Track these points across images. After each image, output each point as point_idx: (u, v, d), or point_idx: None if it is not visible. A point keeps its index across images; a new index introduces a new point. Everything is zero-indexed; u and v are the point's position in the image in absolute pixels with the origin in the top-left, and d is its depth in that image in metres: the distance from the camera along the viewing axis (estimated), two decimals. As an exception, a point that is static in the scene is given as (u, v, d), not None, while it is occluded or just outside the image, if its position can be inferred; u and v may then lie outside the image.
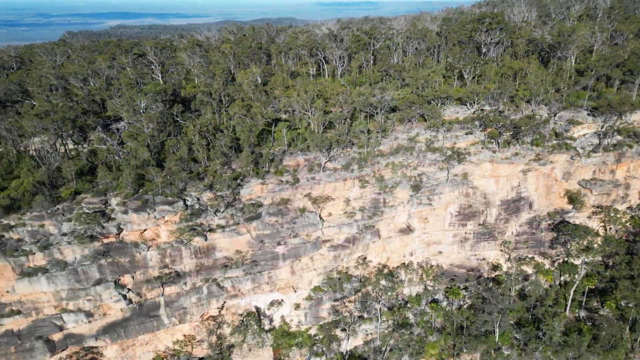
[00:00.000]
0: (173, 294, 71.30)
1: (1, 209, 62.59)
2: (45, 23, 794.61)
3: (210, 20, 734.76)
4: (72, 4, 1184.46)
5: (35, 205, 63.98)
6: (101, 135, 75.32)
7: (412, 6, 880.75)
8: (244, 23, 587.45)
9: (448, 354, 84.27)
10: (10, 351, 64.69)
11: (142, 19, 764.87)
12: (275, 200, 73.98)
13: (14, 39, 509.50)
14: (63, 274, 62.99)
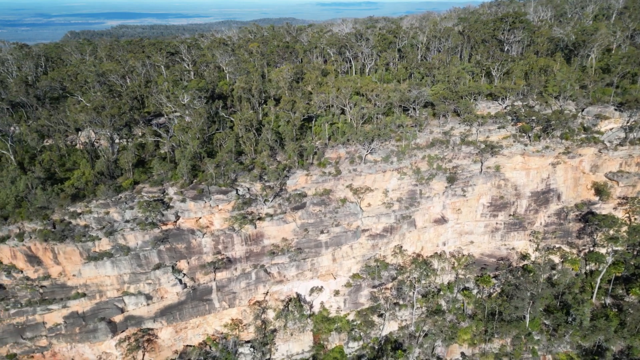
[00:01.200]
0: (224, 279, 75.18)
1: (68, 198, 66.49)
2: (45, 23, 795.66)
3: (210, 20, 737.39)
4: (72, 4, 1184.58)
5: (100, 194, 67.93)
6: (154, 129, 79.34)
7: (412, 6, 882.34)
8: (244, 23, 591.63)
9: (480, 339, 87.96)
10: (75, 332, 68.75)
11: (142, 19, 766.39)
12: (319, 190, 77.70)
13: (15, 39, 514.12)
14: (126, 258, 66.92)
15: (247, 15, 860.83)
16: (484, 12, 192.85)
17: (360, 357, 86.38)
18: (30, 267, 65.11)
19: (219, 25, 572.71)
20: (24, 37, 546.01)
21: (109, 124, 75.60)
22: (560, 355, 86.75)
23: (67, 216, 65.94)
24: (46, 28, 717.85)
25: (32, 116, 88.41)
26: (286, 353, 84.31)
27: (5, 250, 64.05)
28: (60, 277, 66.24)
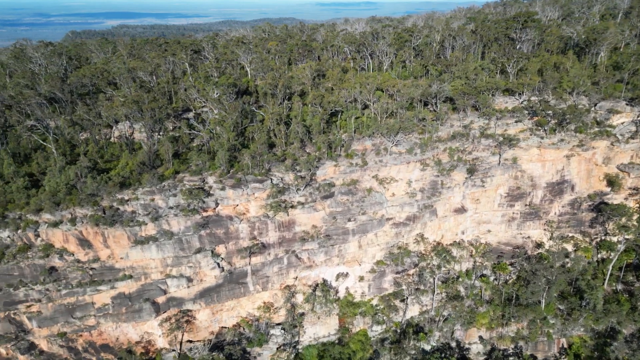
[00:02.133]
0: (258, 264, 79.52)
1: (117, 185, 70.88)
2: (44, 23, 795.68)
3: (210, 20, 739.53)
4: (71, 3, 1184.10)
5: (145, 182, 72.34)
6: (190, 123, 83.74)
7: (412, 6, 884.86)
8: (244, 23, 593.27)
9: (497, 323, 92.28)
10: (122, 312, 73.12)
11: (142, 19, 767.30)
12: (346, 180, 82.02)
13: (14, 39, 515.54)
14: (170, 242, 71.26)
15: (247, 15, 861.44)
16: (490, 12, 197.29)
17: (384, 340, 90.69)
18: (81, 250, 69.47)
19: (219, 25, 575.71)
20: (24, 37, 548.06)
21: (148, 117, 79.89)
22: (574, 338, 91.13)
23: (115, 203, 70.33)
24: (45, 28, 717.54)
25: (66, 111, 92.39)
26: (313, 335, 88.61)
27: (58, 234, 68.40)
28: (109, 260, 70.59)
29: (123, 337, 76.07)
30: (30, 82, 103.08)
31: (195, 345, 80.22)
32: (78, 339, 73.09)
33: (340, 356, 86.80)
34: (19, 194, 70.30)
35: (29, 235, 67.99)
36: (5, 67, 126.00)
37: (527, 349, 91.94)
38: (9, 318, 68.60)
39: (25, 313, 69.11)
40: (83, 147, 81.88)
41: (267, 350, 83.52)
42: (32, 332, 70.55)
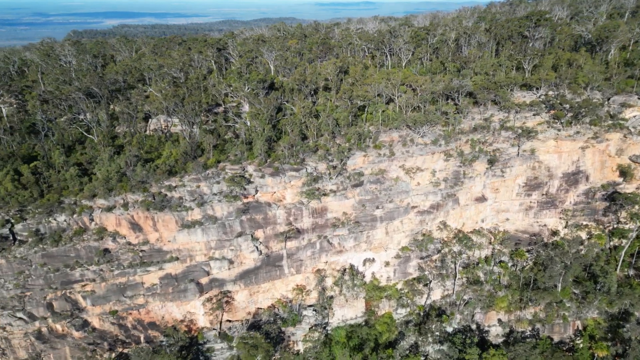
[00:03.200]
0: (293, 248, 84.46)
1: (165, 173, 75.87)
2: (43, 22, 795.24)
3: (210, 20, 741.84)
4: (70, 3, 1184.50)
5: (190, 170, 77.40)
6: (227, 116, 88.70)
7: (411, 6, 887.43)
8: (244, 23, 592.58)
9: (515, 307, 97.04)
10: (168, 291, 78.15)
11: (141, 19, 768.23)
12: (375, 170, 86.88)
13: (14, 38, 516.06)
14: (214, 226, 76.23)
15: (246, 15, 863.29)
16: (497, 11, 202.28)
17: (408, 322, 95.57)
18: (132, 234, 74.44)
19: (219, 24, 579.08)
20: (23, 37, 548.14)
21: (190, 109, 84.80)
22: (588, 321, 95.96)
23: (163, 189, 75.35)
24: (45, 27, 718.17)
25: (100, 105, 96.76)
26: (342, 317, 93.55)
27: (111, 218, 73.39)
28: (157, 243, 75.56)
29: (168, 316, 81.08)
30: (68, 78, 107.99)
31: (234, 324, 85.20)
32: (128, 316, 78.11)
33: (367, 337, 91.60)
34: (72, 182, 75.35)
35: (84, 219, 73.00)
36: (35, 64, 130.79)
37: (543, 331, 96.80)
38: (65, 296, 73.58)
39: (80, 292, 74.10)
40: (123, 139, 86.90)
41: (300, 330, 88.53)
42: (86, 310, 75.56)
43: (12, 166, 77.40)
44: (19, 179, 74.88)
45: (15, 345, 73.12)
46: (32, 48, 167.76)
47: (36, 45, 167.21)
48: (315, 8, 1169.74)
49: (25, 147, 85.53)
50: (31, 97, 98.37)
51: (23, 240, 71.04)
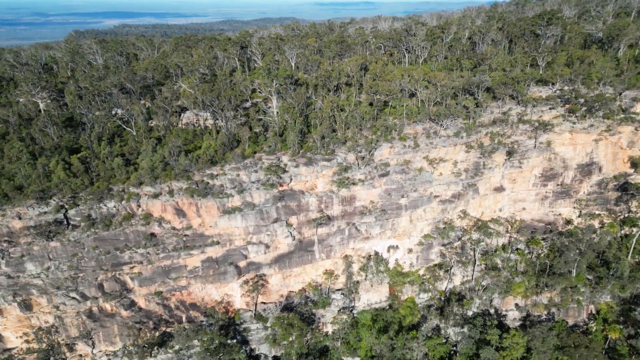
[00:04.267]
0: (324, 234, 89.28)
1: (207, 162, 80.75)
2: (43, 22, 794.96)
3: (210, 20, 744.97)
4: (69, 3, 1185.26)
5: (230, 160, 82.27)
6: (258, 109, 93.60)
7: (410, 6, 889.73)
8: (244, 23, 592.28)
9: (531, 292, 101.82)
10: (209, 273, 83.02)
11: (141, 19, 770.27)
12: (400, 161, 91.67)
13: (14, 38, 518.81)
14: (252, 212, 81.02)
15: (246, 15, 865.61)
16: (503, 11, 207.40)
17: (430, 306, 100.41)
18: (176, 219, 79.29)
19: (220, 24, 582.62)
20: (23, 37, 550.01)
21: (227, 103, 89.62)
22: (601, 305, 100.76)
23: (205, 177, 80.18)
24: (44, 27, 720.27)
25: (132, 100, 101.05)
26: (367, 302, 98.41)
27: (157, 204, 78.25)
28: (200, 228, 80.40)
29: (207, 298, 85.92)
30: (102, 74, 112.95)
31: (268, 306, 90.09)
32: (171, 297, 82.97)
33: (391, 320, 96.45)
34: (119, 171, 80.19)
35: (131, 205, 77.88)
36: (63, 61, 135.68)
37: (558, 315, 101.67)
38: (114, 278, 78.45)
39: (128, 274, 78.98)
40: (157, 132, 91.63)
41: (330, 313, 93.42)
42: (133, 290, 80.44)
43: (60, 156, 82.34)
44: (69, 168, 79.87)
45: (68, 323, 77.98)
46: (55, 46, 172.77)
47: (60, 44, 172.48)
48: (314, 8, 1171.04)
49: (66, 139, 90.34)
50: (69, 92, 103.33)
51: (76, 224, 75.87)
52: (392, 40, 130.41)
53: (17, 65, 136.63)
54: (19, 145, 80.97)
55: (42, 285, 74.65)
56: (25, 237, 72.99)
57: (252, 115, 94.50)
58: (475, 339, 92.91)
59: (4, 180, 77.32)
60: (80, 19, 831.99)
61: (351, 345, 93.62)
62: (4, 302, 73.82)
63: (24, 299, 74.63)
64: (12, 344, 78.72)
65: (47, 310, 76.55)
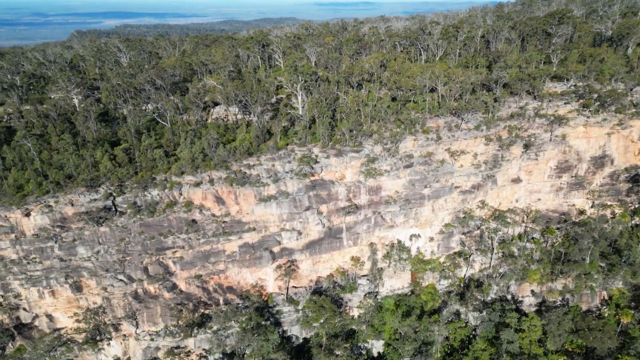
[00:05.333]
0: (351, 222, 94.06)
1: (245, 153, 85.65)
2: (43, 22, 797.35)
3: (210, 20, 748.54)
4: (68, 3, 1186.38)
5: (265, 151, 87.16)
6: (288, 102, 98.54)
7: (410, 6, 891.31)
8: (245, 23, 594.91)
9: (547, 279, 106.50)
10: (246, 258, 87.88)
11: (140, 19, 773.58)
12: (423, 153, 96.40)
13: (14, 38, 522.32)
14: (286, 201, 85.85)
15: (246, 15, 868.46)
16: (510, 11, 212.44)
17: (450, 292, 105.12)
18: (216, 206, 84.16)
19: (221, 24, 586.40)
20: (23, 37, 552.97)
21: (259, 98, 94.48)
22: (614, 291, 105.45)
23: (242, 167, 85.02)
24: (44, 27, 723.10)
25: (162, 96, 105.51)
26: (390, 288, 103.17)
27: (198, 192, 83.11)
28: (237, 215, 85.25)
29: (243, 282, 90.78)
30: (135, 71, 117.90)
31: (299, 290, 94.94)
32: (210, 280, 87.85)
33: (414, 305, 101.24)
34: (160, 161, 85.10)
35: (174, 193, 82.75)
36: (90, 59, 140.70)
37: (573, 301, 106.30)
38: (158, 261, 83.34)
39: (171, 258, 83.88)
40: (188, 126, 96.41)
41: (356, 297, 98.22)
42: (175, 274, 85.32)
43: (103, 148, 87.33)
44: (114, 159, 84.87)
45: (115, 304, 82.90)
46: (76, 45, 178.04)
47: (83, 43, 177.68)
48: (314, 8, 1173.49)
49: (103, 132, 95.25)
50: (105, 89, 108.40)
51: (123, 211, 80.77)
52: (409, 38, 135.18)
53: (45, 63, 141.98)
54: (67, 138, 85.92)
55: (92, 268, 79.58)
56: (76, 222, 77.89)
57: (281, 110, 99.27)
58: (495, 322, 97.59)
59: (54, 170, 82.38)
60: (80, 19, 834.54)
61: (376, 329, 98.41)
62: (56, 283, 78.77)
63: (75, 280, 79.59)
64: (61, 324, 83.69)
65: (95, 292, 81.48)
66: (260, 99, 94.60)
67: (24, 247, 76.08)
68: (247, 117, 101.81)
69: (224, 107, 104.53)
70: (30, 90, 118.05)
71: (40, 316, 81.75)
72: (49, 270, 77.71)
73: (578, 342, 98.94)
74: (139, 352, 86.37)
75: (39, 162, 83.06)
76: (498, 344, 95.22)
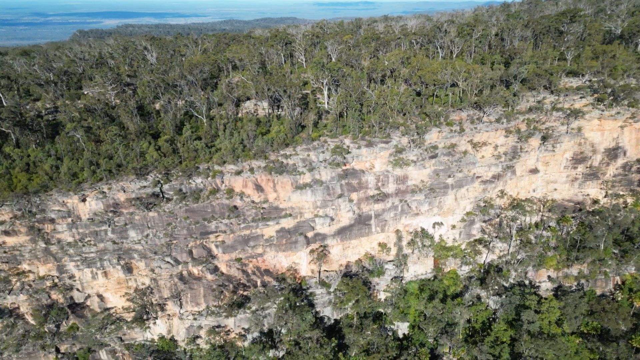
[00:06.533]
0: (379, 209, 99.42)
1: (282, 144, 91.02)
2: (42, 22, 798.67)
3: (210, 19, 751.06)
4: (68, 3, 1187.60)
5: (300, 142, 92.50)
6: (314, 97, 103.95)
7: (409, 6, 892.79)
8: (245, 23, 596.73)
9: (563, 265, 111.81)
10: (282, 242, 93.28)
11: (140, 18, 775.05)
12: (447, 144, 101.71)
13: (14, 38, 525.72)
14: (320, 188, 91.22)
15: (246, 14, 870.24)
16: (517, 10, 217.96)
17: (470, 277, 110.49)
18: (255, 194, 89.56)
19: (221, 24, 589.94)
20: (23, 37, 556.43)
21: (293, 93, 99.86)
22: (626, 276, 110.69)
23: (280, 157, 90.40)
24: (44, 27, 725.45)
25: (191, 91, 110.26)
26: (414, 273, 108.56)
27: (239, 180, 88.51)
28: (275, 201, 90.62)
29: (278, 265, 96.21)
30: (167, 67, 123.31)
31: (330, 274, 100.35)
32: (249, 263, 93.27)
33: (437, 289, 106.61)
34: (202, 152, 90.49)
35: (216, 181, 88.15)
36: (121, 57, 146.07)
37: (587, 286, 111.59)
38: (202, 245, 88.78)
39: (214, 242, 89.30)
40: (220, 119, 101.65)
41: (383, 281, 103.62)
42: (217, 257, 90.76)
43: (146, 139, 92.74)
44: (159, 149, 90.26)
45: (161, 285, 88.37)
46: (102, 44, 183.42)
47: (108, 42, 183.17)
48: (314, 8, 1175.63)
49: (142, 125, 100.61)
50: (142, 84, 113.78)
51: (169, 197, 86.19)
52: (427, 36, 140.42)
53: (76, 60, 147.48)
54: (114, 130, 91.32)
55: (142, 250, 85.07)
56: (128, 207, 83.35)
57: (310, 104, 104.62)
58: (515, 304, 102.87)
59: (104, 159, 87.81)
60: (80, 19, 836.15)
61: (402, 311, 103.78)
62: (109, 265, 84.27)
63: (126, 262, 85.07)
64: (111, 304, 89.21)
65: (144, 273, 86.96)
66: (292, 93, 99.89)
67: (80, 230, 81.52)
68: (275, 111, 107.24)
69: (254, 101, 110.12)
70: (65, 86, 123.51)
71: (92, 296, 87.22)
72: (103, 252, 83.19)
73: (593, 324, 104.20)
74: (182, 331, 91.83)
75: (89, 153, 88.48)
76: (518, 325, 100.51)
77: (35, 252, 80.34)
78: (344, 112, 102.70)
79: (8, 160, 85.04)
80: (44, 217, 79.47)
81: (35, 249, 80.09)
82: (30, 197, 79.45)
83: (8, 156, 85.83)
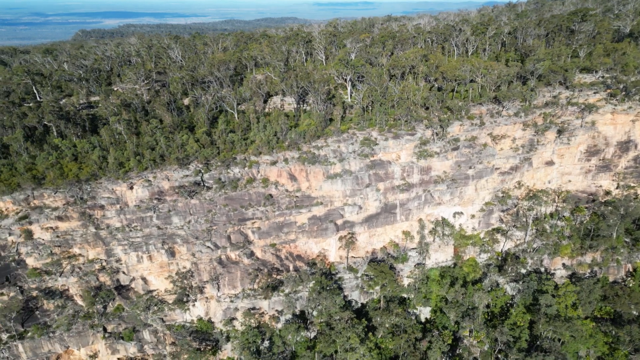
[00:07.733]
0: (404, 199, 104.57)
1: (314, 136, 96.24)
2: (42, 22, 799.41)
3: (210, 19, 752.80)
4: (68, 3, 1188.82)
5: (331, 134, 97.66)
6: (336, 93, 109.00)
7: (409, 6, 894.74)
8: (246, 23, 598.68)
9: (576, 253, 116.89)
10: (314, 229, 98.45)
11: (140, 18, 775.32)
12: (468, 137, 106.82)
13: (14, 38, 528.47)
14: (350, 178, 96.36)
15: (246, 14, 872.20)
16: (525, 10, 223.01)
17: (489, 265, 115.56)
18: (289, 183, 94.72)
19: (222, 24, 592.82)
20: (23, 36, 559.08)
21: (321, 88, 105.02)
22: (637, 263, 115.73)
23: (312, 148, 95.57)
24: (44, 27, 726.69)
25: (216, 87, 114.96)
26: (435, 260, 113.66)
27: (274, 170, 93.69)
28: (307, 190, 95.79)
29: (309, 251, 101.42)
30: (195, 64, 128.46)
31: (357, 260, 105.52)
32: (282, 249, 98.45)
33: (457, 276, 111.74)
34: (238, 143, 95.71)
35: (252, 171, 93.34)
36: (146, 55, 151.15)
37: (600, 273, 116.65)
38: (239, 231, 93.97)
39: (250, 228, 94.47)
40: (253, 113, 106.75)
41: (407, 267, 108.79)
42: (253, 242, 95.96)
43: (184, 132, 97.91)
44: (198, 141, 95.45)
45: (201, 269, 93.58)
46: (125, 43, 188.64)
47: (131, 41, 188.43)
48: (313, 8, 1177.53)
49: (176, 119, 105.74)
50: (173, 80, 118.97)
51: (209, 186, 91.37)
52: (443, 35, 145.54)
53: (104, 57, 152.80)
54: (155, 122, 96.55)
55: (184, 236, 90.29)
56: (171, 195, 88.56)
57: (336, 99, 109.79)
58: (533, 289, 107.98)
59: (147, 150, 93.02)
60: (80, 19, 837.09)
61: (424, 296, 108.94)
62: (154, 249, 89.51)
63: (169, 247, 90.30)
64: (153, 287, 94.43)
65: (185, 257, 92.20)
66: (319, 88, 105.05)
67: (127, 216, 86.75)
68: (303, 105, 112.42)
69: (281, 97, 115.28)
70: (97, 82, 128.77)
71: (137, 279, 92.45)
72: (148, 237, 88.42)
73: (607, 309, 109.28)
74: (219, 313, 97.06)
75: (132, 144, 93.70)
76: (535, 310, 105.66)
77: (85, 237, 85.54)
78: (368, 107, 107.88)
79: (56, 152, 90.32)
80: (95, 204, 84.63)
81: (86, 234, 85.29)
82: (82, 184, 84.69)
83: (56, 147, 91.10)
